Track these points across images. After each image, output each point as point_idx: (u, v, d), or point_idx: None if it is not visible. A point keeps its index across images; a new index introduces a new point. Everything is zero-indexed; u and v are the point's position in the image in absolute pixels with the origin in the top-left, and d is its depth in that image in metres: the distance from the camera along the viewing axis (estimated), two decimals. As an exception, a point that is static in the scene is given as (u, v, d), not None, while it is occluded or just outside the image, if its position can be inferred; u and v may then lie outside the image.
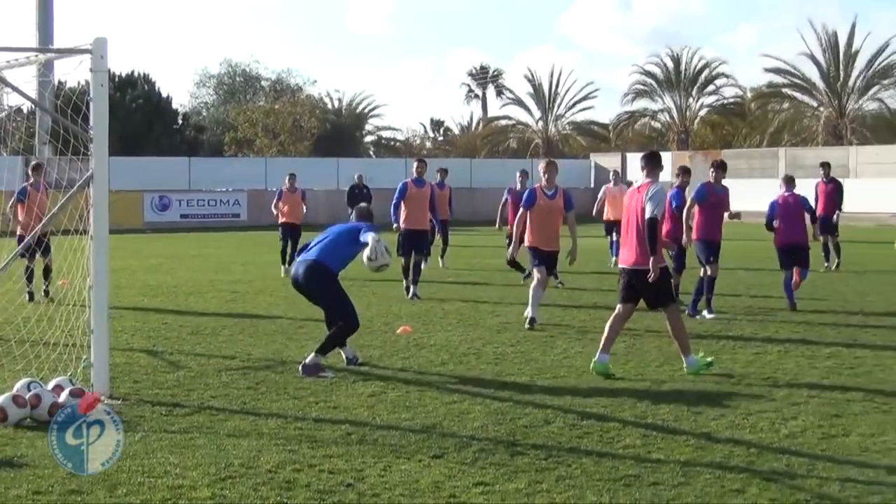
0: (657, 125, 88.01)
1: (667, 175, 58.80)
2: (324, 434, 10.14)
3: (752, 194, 59.12)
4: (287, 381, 12.67)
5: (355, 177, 38.12)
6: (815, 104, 77.15)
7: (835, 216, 27.47)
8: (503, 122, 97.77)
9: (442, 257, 29.36)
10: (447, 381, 12.80)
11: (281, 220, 28.18)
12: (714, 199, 18.43)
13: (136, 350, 15.05)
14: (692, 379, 12.76)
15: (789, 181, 20.44)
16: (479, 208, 55.25)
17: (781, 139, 74.13)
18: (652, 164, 13.51)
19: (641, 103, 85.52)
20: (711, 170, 18.80)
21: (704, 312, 18.27)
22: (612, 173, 31.17)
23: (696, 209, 18.52)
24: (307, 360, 13.25)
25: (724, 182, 18.77)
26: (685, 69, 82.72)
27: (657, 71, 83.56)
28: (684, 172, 19.40)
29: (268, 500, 8.05)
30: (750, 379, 12.78)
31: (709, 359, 13.29)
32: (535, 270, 17.58)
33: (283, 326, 17.37)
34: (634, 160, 68.66)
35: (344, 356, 13.81)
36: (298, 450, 9.47)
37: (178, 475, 8.63)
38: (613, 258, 29.35)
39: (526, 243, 17.76)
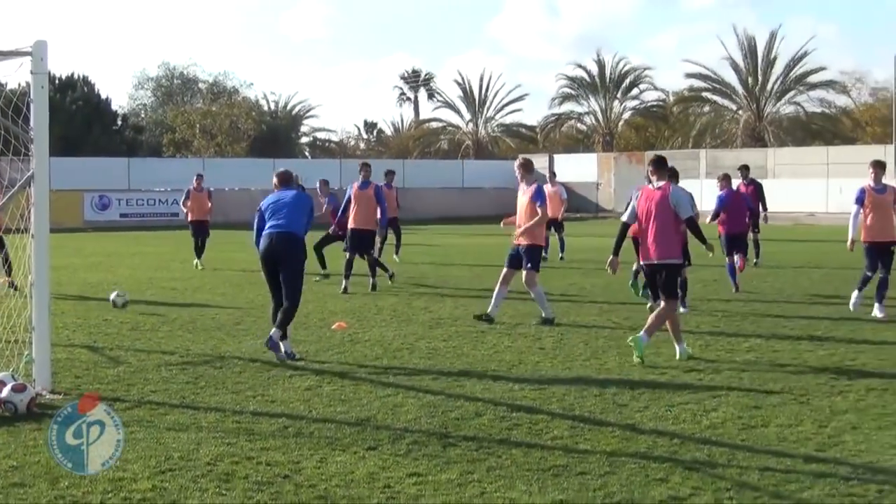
0: (583, 127, 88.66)
1: (593, 176, 58.58)
2: (261, 427, 10.10)
3: (674, 194, 59.76)
4: (225, 376, 12.61)
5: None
6: (734, 108, 77.93)
7: (762, 217, 27.93)
8: (434, 124, 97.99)
9: (397, 253, 30.31)
10: (381, 375, 12.78)
11: (189, 217, 29.63)
12: None
13: (77, 346, 14.91)
14: (618, 372, 12.85)
15: (727, 178, 22.00)
16: (413, 207, 55.26)
17: (703, 141, 74.87)
18: (660, 168, 14.23)
19: (568, 106, 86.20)
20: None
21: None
22: (549, 174, 31.76)
23: None
24: (272, 334, 13.59)
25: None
26: (610, 74, 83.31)
27: (583, 75, 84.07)
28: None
29: (206, 491, 8.00)
30: (673, 372, 12.88)
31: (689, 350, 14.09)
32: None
33: (222, 322, 17.29)
34: (561, 161, 69.29)
35: (282, 350, 13.76)
36: (237, 442, 9.43)
37: (119, 468, 8.55)
38: (546, 255, 29.56)
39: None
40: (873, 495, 7.93)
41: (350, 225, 22.33)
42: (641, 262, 14.56)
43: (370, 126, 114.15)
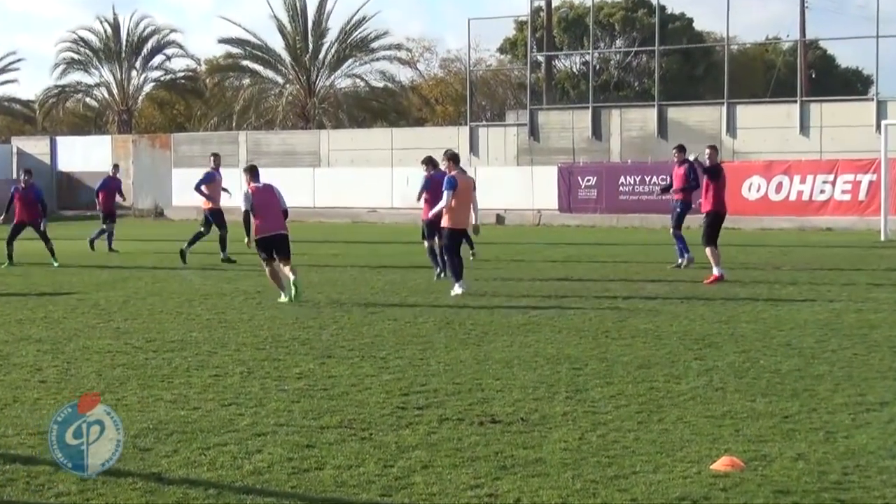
0: (94, 103, 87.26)
1: (107, 163, 57.52)
2: None
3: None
4: None
5: None
6: (282, 81, 78.60)
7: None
8: None
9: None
10: None
11: None
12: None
13: None
14: (139, 408, 12.73)
15: (433, 162, 25.28)
16: None
17: (246, 121, 74.98)
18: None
19: (74, 76, 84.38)
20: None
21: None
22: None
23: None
24: None
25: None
26: (126, 37, 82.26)
27: (93, 39, 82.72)
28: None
29: None
30: (208, 406, 12.88)
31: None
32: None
33: None
34: (67, 145, 68.06)
35: None
36: None
37: None
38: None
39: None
40: (447, 546, 8.23)
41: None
42: (268, 234, 21.69)
43: None
